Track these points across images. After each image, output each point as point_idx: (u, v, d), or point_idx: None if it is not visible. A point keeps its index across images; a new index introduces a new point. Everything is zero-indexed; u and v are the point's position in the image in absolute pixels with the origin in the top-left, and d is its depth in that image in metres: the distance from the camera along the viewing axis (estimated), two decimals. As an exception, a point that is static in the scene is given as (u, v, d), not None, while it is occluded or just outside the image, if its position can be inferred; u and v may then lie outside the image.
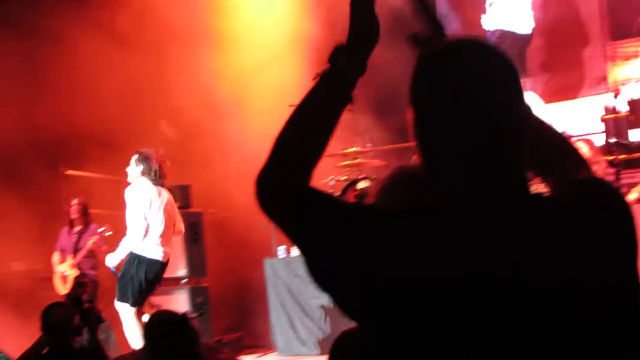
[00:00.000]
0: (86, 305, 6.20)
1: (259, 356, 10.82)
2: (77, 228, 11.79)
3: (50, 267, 12.15)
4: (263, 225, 11.30)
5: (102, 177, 15.00)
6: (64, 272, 11.66)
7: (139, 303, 9.73)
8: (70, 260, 11.60)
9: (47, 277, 12.47)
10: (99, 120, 14.41)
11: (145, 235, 9.73)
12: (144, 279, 9.69)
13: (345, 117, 2.31)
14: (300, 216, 2.14)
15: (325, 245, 2.08)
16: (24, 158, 14.90)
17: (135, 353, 4.66)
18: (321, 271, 2.11)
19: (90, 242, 11.41)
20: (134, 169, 10.19)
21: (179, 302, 11.14)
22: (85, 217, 11.87)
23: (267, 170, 2.20)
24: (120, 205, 13.17)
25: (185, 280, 11.53)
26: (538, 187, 2.23)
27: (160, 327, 4.46)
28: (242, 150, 12.84)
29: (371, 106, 11.40)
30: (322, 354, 10.00)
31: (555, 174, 2.37)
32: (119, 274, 9.88)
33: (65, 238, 11.87)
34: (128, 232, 9.90)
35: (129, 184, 10.37)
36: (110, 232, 11.48)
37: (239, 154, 13.15)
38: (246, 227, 12.83)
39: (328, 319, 10.20)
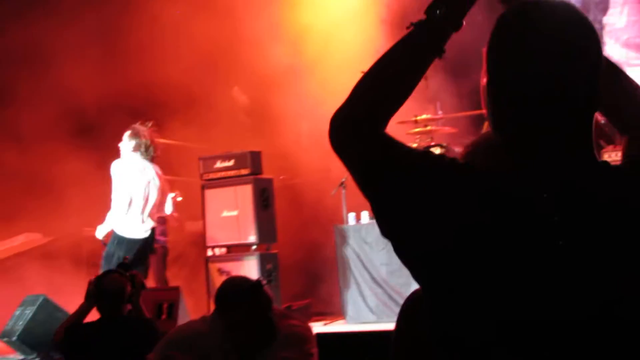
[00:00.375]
0: (132, 272, 6.23)
1: (327, 323, 10.81)
2: (147, 194, 11.87)
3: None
4: (333, 192, 11.30)
5: (173, 143, 15.10)
6: (134, 237, 11.75)
7: None
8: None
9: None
10: (172, 87, 14.50)
11: (127, 210, 9.96)
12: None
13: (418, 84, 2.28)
14: (372, 160, 2.13)
15: (396, 191, 2.07)
16: (99, 123, 15.05)
17: (204, 318, 4.66)
18: (388, 217, 2.10)
19: (158, 205, 11.47)
20: (126, 145, 10.40)
21: (249, 268, 11.17)
22: (156, 183, 11.93)
23: (344, 111, 2.18)
24: (190, 172, 13.28)
25: (255, 246, 11.54)
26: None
27: (233, 292, 4.45)
28: (313, 116, 12.81)
29: (443, 73, 11.30)
30: (390, 321, 9.98)
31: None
32: (104, 253, 10.14)
33: (136, 204, 11.96)
34: (112, 206, 10.10)
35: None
36: (180, 198, 11.52)
37: (310, 120, 13.11)
38: (316, 194, 12.84)
39: (397, 286, 10.15)
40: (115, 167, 10.23)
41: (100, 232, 10.31)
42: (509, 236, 1.96)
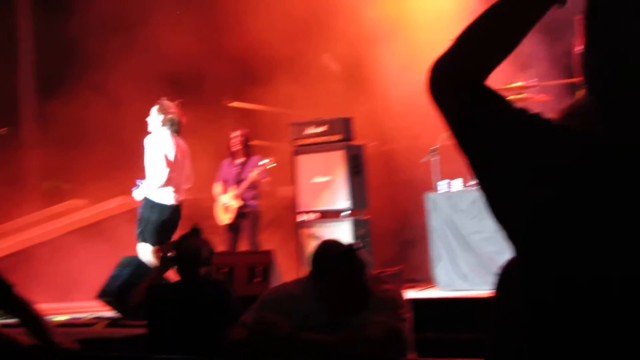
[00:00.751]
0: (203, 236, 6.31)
1: (419, 290, 10.83)
2: (239, 160, 11.97)
3: (212, 197, 12.39)
4: (424, 159, 11.28)
5: (265, 109, 15.20)
6: (227, 202, 11.88)
7: (157, 243, 10.43)
8: (233, 191, 11.80)
9: (208, 207, 12.75)
10: (264, 52, 14.57)
11: (161, 183, 10.46)
12: (159, 221, 10.48)
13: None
14: (474, 112, 2.10)
15: (494, 143, 2.06)
16: (191, 88, 15.21)
17: (298, 281, 4.71)
18: (484, 171, 2.10)
19: (253, 173, 11.58)
20: (154, 119, 10.76)
21: (340, 234, 11.21)
22: (247, 148, 12.04)
23: (447, 60, 2.15)
24: (282, 138, 13.36)
25: (347, 212, 11.60)
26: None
27: (328, 256, 4.49)
28: (404, 83, 12.77)
29: (537, 41, 11.16)
30: (482, 289, 9.95)
31: None
32: (138, 218, 10.70)
33: (227, 169, 12.07)
34: (147, 177, 10.61)
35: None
36: (274, 164, 11.62)
37: (402, 86, 13.08)
38: (408, 160, 12.82)
39: (489, 254, 10.11)
40: (148, 141, 10.69)
41: (138, 196, 10.80)
42: (608, 193, 1.94)
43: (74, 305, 12.14)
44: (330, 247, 4.59)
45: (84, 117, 15.82)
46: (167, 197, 10.62)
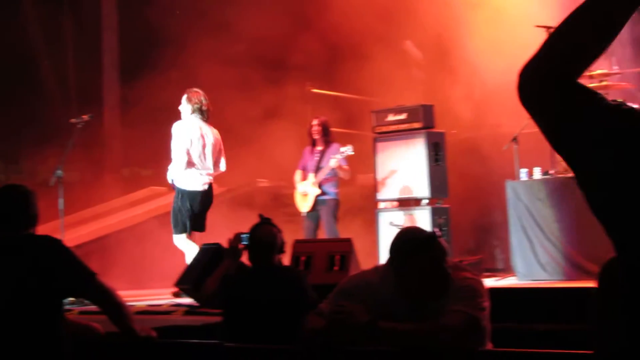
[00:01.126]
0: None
1: (498, 279, 10.76)
2: (319, 147, 11.99)
3: (292, 185, 12.44)
4: (505, 147, 11.19)
5: (346, 96, 15.21)
6: (306, 190, 11.92)
7: (189, 230, 10.83)
8: (312, 179, 11.83)
9: (288, 194, 12.80)
10: (346, 39, 14.59)
11: (185, 167, 10.69)
12: (190, 208, 10.76)
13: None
14: (568, 112, 2.08)
15: (592, 140, 2.05)
16: (272, 76, 15.30)
17: (377, 268, 4.72)
18: (584, 168, 2.09)
19: (332, 161, 11.58)
20: (184, 107, 11.04)
21: (420, 222, 11.19)
22: (326, 136, 12.03)
23: (538, 63, 2.13)
24: (363, 125, 13.36)
25: (427, 200, 11.56)
26: None
27: (408, 243, 4.48)
28: (485, 72, 12.68)
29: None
30: (563, 280, 9.86)
31: None
32: (172, 208, 11.00)
33: (308, 157, 12.10)
34: (172, 161, 10.83)
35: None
36: (352, 153, 11.61)
37: (482, 75, 12.99)
38: (488, 149, 12.73)
39: (571, 244, 10.01)
40: (175, 128, 10.90)
41: (169, 177, 11.06)
42: None
43: (152, 292, 12.30)
44: (411, 235, 4.57)
45: (165, 103, 15.99)
46: (193, 183, 10.87)
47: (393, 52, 14.96)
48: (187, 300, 9.65)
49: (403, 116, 11.87)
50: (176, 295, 10.14)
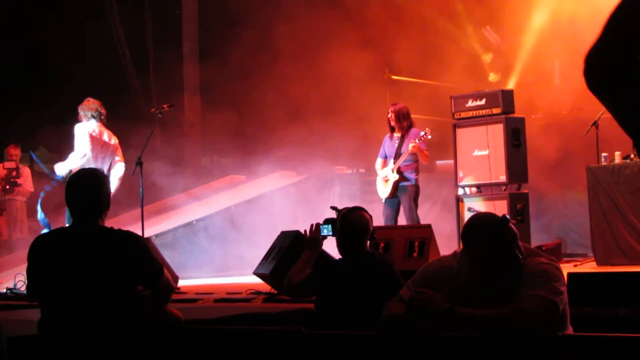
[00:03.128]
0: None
1: (578, 265, 10.67)
2: (398, 134, 11.97)
3: (371, 172, 12.45)
4: (586, 132, 11.09)
5: (423, 82, 15.18)
6: (385, 176, 11.91)
7: None
8: (391, 165, 11.82)
9: (370, 181, 12.82)
10: (422, 27, 14.58)
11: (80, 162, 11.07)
12: None
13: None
14: (635, 89, 2.05)
15: None
16: (352, 64, 15.34)
17: (455, 254, 4.71)
18: None
19: (410, 145, 11.55)
20: (83, 112, 11.41)
21: (499, 207, 11.14)
22: (405, 122, 11.97)
23: (601, 43, 2.12)
24: (442, 111, 13.33)
25: (506, 186, 11.49)
26: None
27: (478, 229, 4.48)
28: (565, 56, 12.59)
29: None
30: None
31: None
32: None
33: (387, 144, 12.09)
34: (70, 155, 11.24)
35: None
36: (430, 136, 11.57)
37: (563, 59, 12.89)
38: (568, 133, 12.63)
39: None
40: (77, 127, 11.28)
41: (60, 170, 11.33)
42: None
43: (232, 280, 12.42)
44: (480, 220, 4.57)
45: (244, 92, 16.13)
46: None
47: (472, 38, 14.91)
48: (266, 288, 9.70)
49: (482, 102, 11.79)
50: None
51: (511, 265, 4.41)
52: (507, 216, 4.51)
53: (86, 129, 11.16)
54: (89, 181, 5.01)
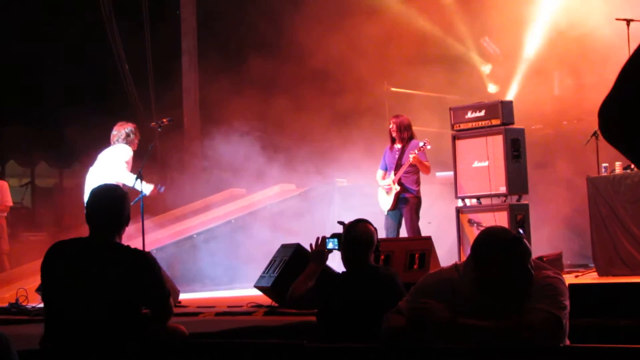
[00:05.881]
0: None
1: (579, 275, 10.67)
2: (398, 145, 11.97)
3: (372, 184, 12.45)
4: (586, 142, 11.10)
5: (423, 94, 15.20)
6: (386, 188, 11.90)
7: None
8: (392, 177, 11.82)
9: (369, 193, 12.81)
10: (419, 38, 14.60)
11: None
12: None
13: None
14: None
15: None
16: (351, 76, 15.36)
17: (456, 266, 4.69)
18: None
19: (410, 156, 11.55)
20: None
21: (499, 219, 11.13)
22: (406, 134, 11.96)
23: (614, 97, 2.09)
24: (441, 123, 13.33)
25: (506, 197, 11.49)
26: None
27: (494, 244, 4.44)
28: (565, 66, 12.60)
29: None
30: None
31: None
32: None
33: (388, 155, 12.09)
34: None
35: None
36: (429, 146, 11.57)
37: (563, 70, 12.90)
38: (567, 143, 12.64)
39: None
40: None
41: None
42: None
43: (233, 293, 12.42)
44: (496, 236, 4.53)
45: (243, 106, 16.14)
46: None
47: (470, 48, 14.94)
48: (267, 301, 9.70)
49: (482, 113, 11.80)
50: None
51: (524, 282, 4.39)
52: (521, 233, 4.50)
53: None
54: (112, 196, 5.08)
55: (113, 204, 5.04)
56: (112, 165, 11.32)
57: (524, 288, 4.36)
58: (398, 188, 11.71)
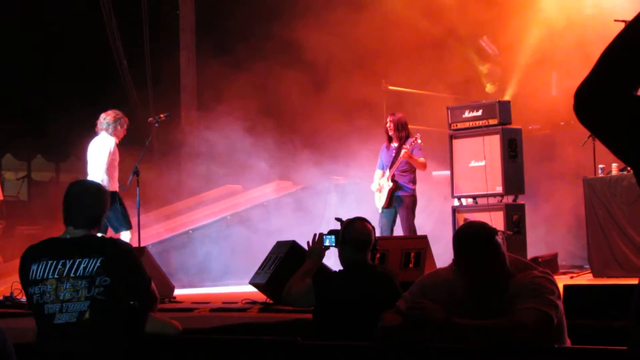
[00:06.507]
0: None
1: (574, 276, 10.68)
2: (395, 144, 11.95)
3: (370, 181, 12.43)
4: (583, 143, 11.10)
5: (420, 92, 15.19)
6: (381, 185, 11.89)
7: None
8: (387, 173, 11.79)
9: (366, 191, 12.80)
10: (419, 36, 14.58)
11: None
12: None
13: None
14: (629, 124, 2.06)
15: None
16: (348, 75, 15.35)
17: (452, 266, 4.69)
18: None
19: (402, 151, 11.51)
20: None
21: (495, 219, 11.13)
22: (402, 132, 11.94)
23: (593, 79, 2.11)
24: (438, 122, 13.32)
25: (502, 197, 11.49)
26: None
27: (467, 239, 4.47)
28: (563, 67, 12.60)
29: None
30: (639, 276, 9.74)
31: None
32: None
33: (385, 154, 12.08)
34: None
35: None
36: (420, 141, 11.53)
37: (560, 70, 12.90)
38: (564, 144, 12.64)
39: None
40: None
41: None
42: None
43: (227, 289, 12.40)
44: (465, 232, 4.58)
45: (241, 102, 16.13)
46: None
47: (469, 48, 14.94)
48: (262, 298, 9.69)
49: (479, 112, 11.81)
50: None
51: (495, 278, 4.40)
52: (497, 230, 4.52)
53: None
54: (91, 191, 5.03)
55: (88, 198, 4.96)
56: (96, 162, 11.33)
57: (498, 286, 4.38)
58: (391, 184, 11.67)
